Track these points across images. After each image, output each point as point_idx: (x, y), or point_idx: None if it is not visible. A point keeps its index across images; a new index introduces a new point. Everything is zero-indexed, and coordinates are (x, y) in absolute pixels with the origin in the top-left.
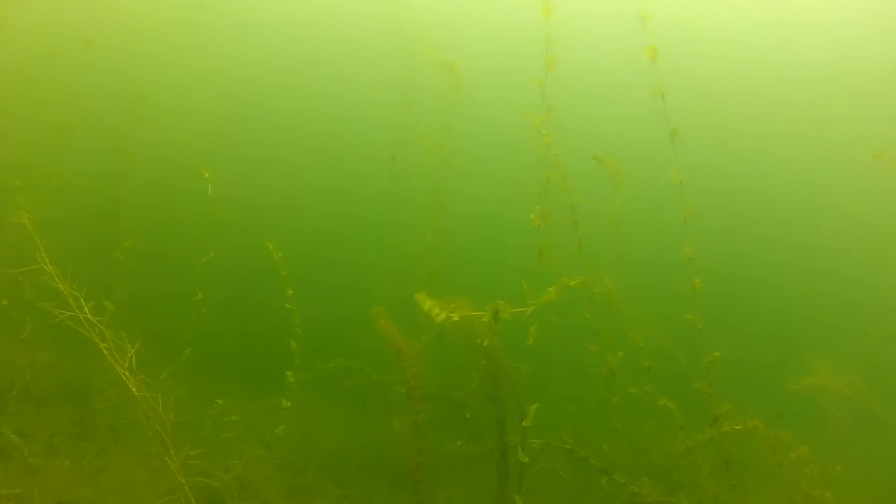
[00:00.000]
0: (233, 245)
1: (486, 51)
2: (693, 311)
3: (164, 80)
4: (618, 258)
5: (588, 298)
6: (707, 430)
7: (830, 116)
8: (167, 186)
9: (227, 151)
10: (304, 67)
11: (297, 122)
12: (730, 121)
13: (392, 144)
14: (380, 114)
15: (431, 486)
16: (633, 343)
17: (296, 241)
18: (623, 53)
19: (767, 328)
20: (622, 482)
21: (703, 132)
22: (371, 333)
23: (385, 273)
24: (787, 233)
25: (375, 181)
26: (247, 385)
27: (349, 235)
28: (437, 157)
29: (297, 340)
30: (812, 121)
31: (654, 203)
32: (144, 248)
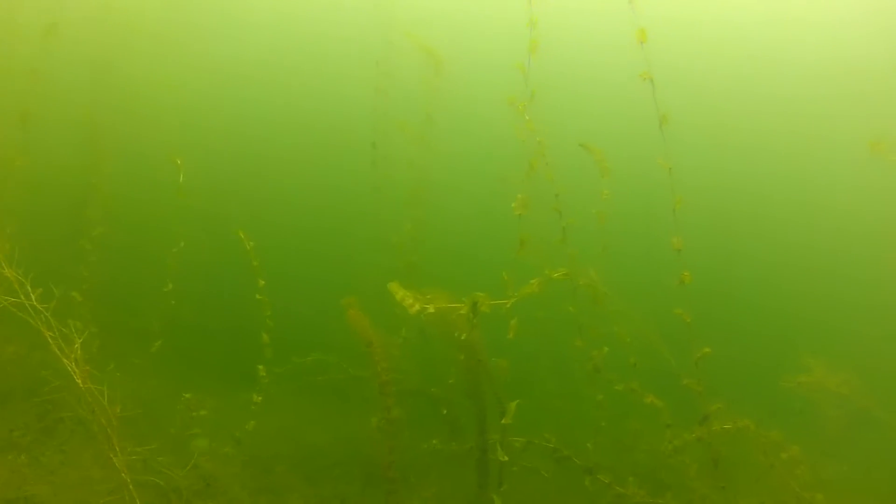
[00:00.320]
0: (205, 234)
1: (469, 36)
2: (682, 306)
3: (137, 67)
4: (603, 250)
5: (572, 291)
6: (695, 430)
7: (825, 105)
8: (138, 174)
9: (201, 139)
10: (282, 54)
11: (274, 109)
12: (721, 108)
13: (372, 132)
14: (360, 101)
15: (407, 486)
16: (619, 338)
17: (270, 231)
18: (610, 36)
19: (760, 324)
20: (606, 482)
21: (694, 119)
22: (348, 327)
23: (363, 264)
24: (781, 225)
25: (355, 170)
26: (217, 379)
27: (327, 225)
28: (419, 145)
29: (269, 333)
30: (806, 109)
31: (642, 192)
32: (114, 237)
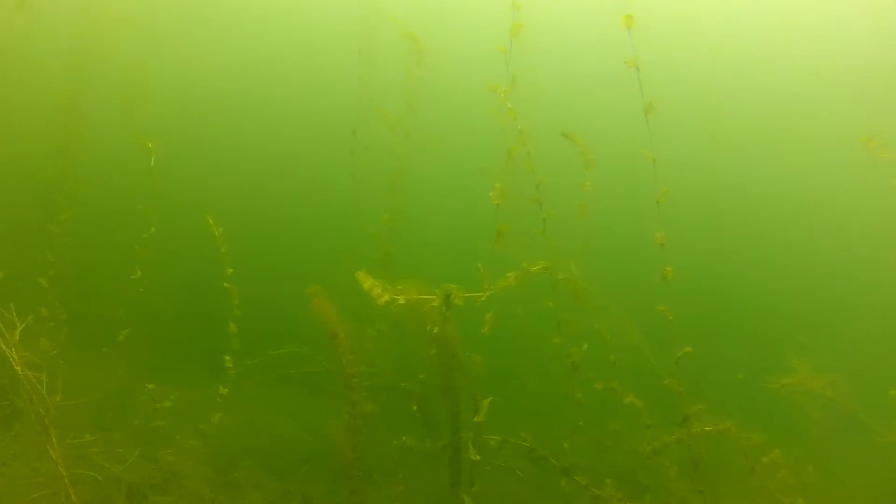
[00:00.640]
0: (176, 220)
1: (454, 23)
2: (664, 302)
3: (109, 49)
4: (585, 243)
5: (551, 286)
6: (675, 431)
7: (817, 101)
8: (108, 157)
9: (175, 123)
10: (261, 38)
11: (252, 95)
12: (709, 99)
13: (353, 121)
14: (341, 89)
15: (371, 484)
16: (600, 335)
17: (242, 218)
18: (596, 22)
19: (744, 322)
20: (583, 483)
21: (680, 110)
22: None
23: (338, 254)
24: (768, 222)
25: (334, 158)
26: (183, 370)
27: (303, 214)
28: (399, 134)
29: (237, 323)
30: (797, 104)
31: (626, 184)
32: (82, 222)
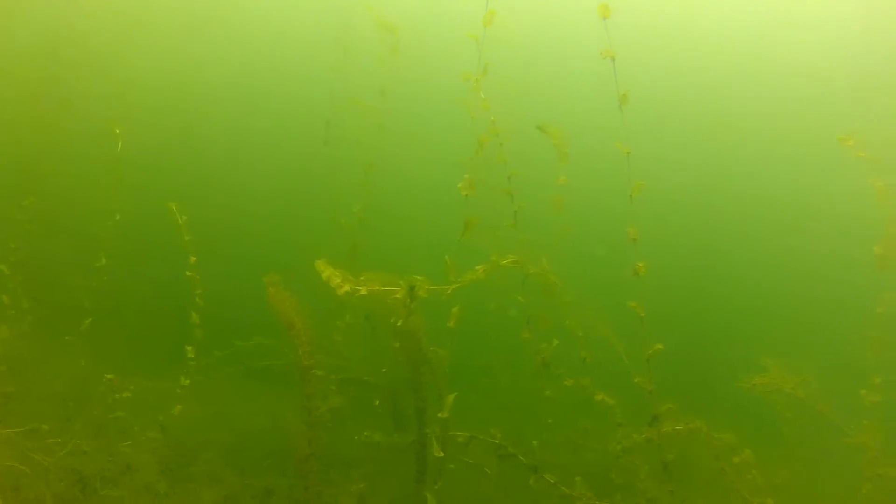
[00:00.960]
0: (142, 208)
1: (429, 10)
2: (635, 299)
3: (79, 31)
4: (557, 237)
5: (522, 280)
6: (645, 430)
7: (795, 98)
8: (74, 142)
9: (143, 109)
10: (236, 27)
11: (226, 83)
12: (685, 92)
13: (327, 111)
14: (316, 79)
15: (332, 480)
16: (571, 331)
17: (210, 208)
18: (572, 11)
19: (716, 320)
20: (552, 482)
21: (655, 103)
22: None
23: (308, 245)
24: (742, 218)
25: (307, 148)
26: (145, 360)
27: (273, 204)
28: (372, 123)
29: (200, 313)
30: (775, 100)
31: (599, 177)
32: (46, 208)
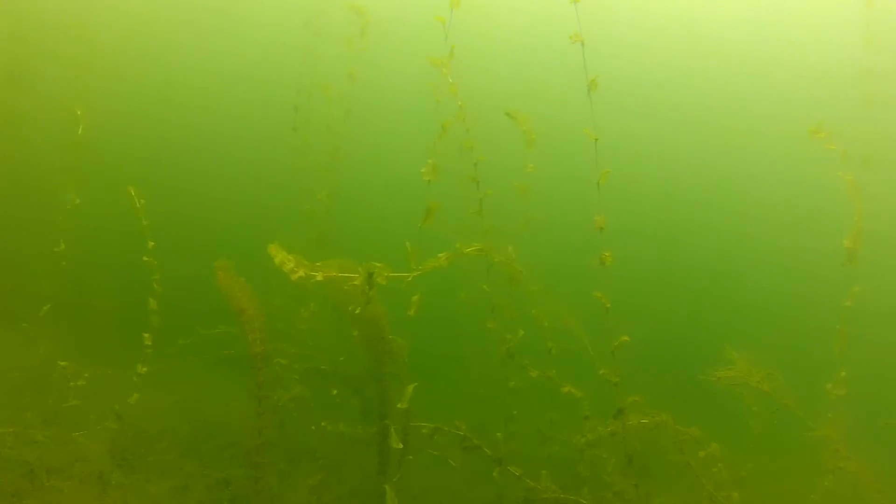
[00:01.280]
0: (102, 191)
1: None
2: (601, 289)
3: (41, 11)
4: (524, 225)
5: (486, 269)
6: (610, 423)
7: (767, 88)
8: (33, 125)
9: (106, 92)
10: (202, 5)
11: (192, 65)
12: (655, 76)
13: (296, 95)
14: (286, 63)
15: (294, 470)
16: (537, 322)
17: (173, 193)
18: None
19: (683, 312)
20: (517, 475)
21: (625, 87)
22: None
23: (273, 233)
24: (711, 209)
25: (275, 133)
26: (102, 347)
27: (238, 191)
28: (340, 108)
29: (158, 299)
30: (747, 83)
31: (567, 164)
32: (4, 191)
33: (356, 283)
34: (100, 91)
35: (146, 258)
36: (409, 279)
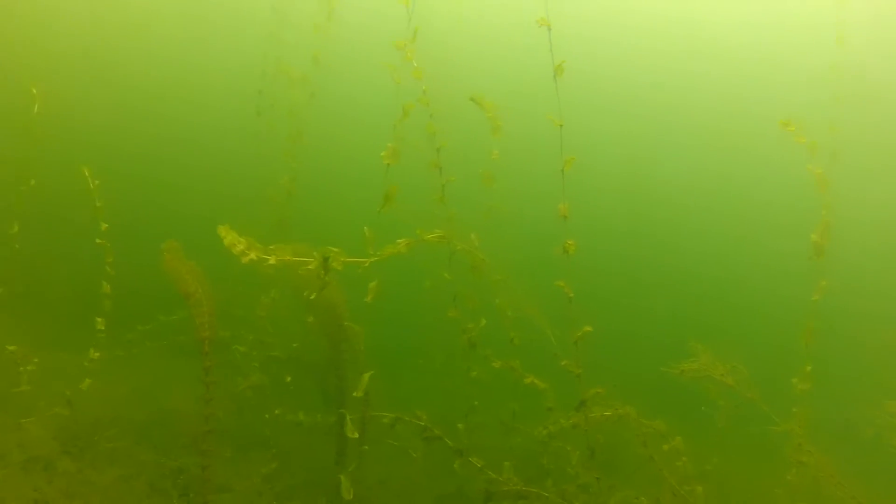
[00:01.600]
0: (57, 172)
1: None
2: (564, 278)
3: None
4: (487, 212)
5: (448, 257)
6: (572, 415)
7: (738, 79)
8: None
9: (62, 70)
10: None
11: (154, 47)
12: (622, 62)
13: (261, 79)
14: (251, 47)
15: (246, 459)
16: (500, 311)
17: (130, 176)
18: None
19: (648, 302)
20: (479, 466)
21: (591, 72)
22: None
23: (233, 218)
24: (677, 197)
25: (238, 117)
26: (55, 331)
27: (199, 176)
28: (304, 93)
29: (112, 283)
30: (716, 74)
31: (531, 151)
32: None
33: (311, 268)
34: (57, 70)
35: (99, 240)
36: (367, 265)
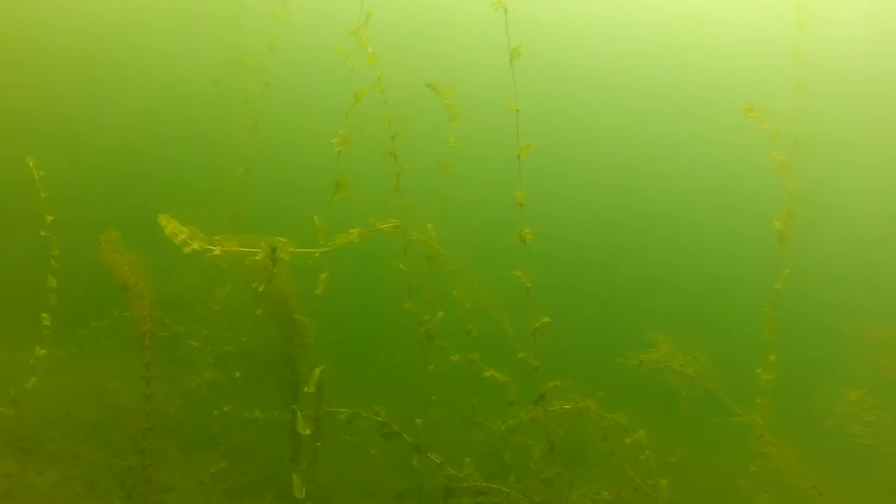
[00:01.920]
0: (0, 163)
1: None
2: (522, 268)
3: None
4: (443, 202)
5: (404, 247)
6: (531, 409)
7: (700, 65)
8: None
9: (6, 56)
10: None
11: (109, 34)
12: (581, 45)
13: (217, 68)
14: (207, 35)
15: (193, 458)
16: (457, 303)
17: (77, 167)
18: None
19: (607, 292)
20: (438, 462)
21: (549, 56)
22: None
23: (185, 210)
24: (636, 183)
25: (194, 107)
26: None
27: (153, 167)
28: (259, 81)
29: (58, 277)
30: (679, 58)
31: (488, 137)
32: None
33: (258, 259)
34: (9, 62)
35: (44, 233)
36: (317, 255)
